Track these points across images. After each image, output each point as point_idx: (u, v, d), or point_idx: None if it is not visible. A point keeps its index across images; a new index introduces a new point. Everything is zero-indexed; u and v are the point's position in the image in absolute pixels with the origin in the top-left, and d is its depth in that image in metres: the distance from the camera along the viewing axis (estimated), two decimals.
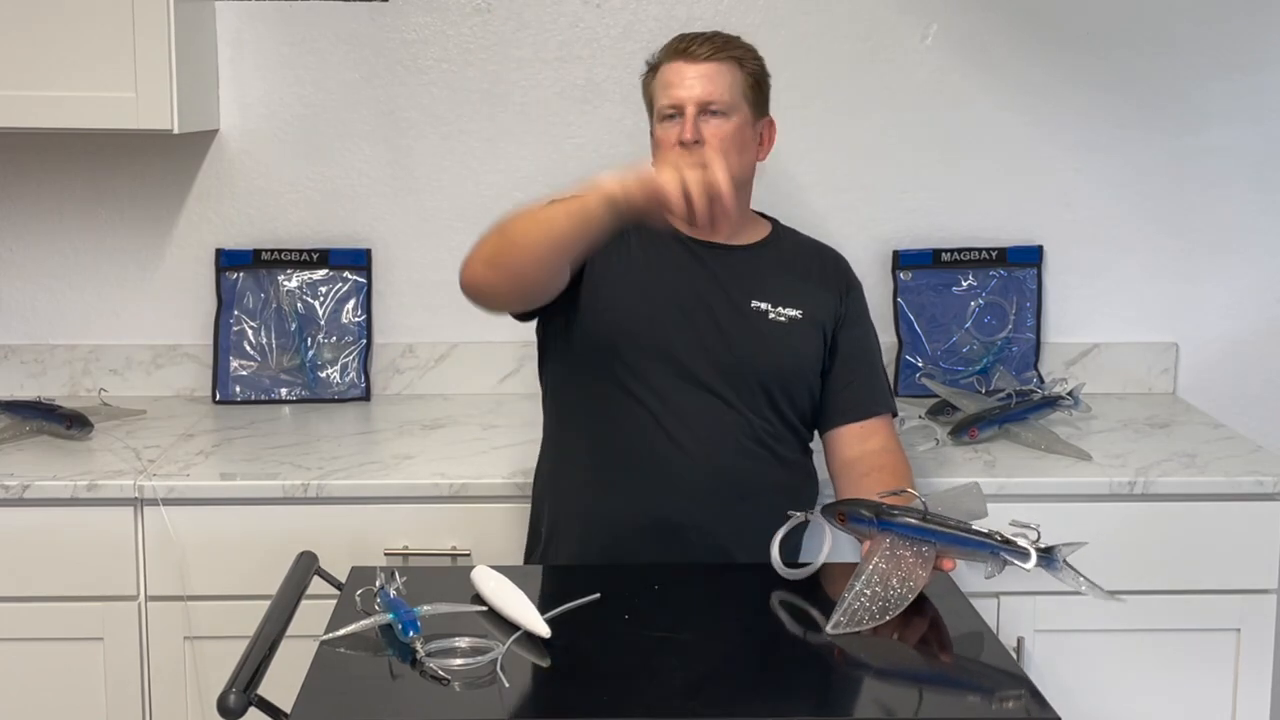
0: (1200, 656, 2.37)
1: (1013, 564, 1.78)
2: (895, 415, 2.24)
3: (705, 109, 2.08)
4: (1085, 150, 2.89)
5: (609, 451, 2.11)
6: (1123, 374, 2.94)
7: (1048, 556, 1.78)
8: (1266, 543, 2.35)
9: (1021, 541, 1.78)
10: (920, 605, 1.82)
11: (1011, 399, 2.60)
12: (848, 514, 1.87)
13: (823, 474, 2.22)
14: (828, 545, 1.91)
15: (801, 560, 2.03)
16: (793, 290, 2.16)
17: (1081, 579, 1.78)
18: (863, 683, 1.70)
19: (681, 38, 2.15)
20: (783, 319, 2.14)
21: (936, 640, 1.80)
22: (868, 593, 1.75)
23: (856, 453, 2.16)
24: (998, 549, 1.79)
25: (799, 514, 1.93)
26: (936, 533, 1.81)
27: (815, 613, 1.81)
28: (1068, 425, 2.63)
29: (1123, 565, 2.32)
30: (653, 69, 2.18)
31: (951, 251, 2.89)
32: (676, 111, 2.10)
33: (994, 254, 2.88)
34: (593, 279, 2.12)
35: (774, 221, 2.27)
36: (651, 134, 2.19)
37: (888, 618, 1.73)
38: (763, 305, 2.14)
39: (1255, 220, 2.92)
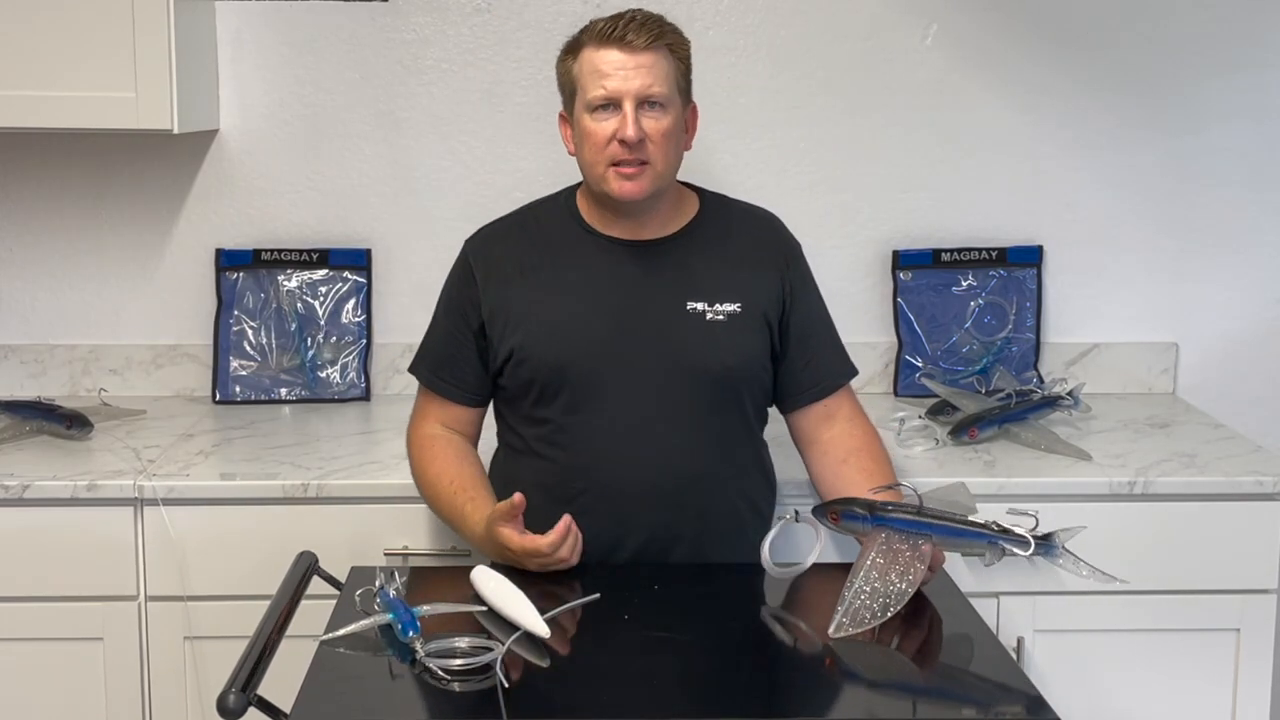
0: (1200, 656, 2.37)
1: (1011, 552, 1.78)
2: (854, 375, 2.19)
3: (643, 101, 1.96)
4: (1085, 150, 2.89)
5: (558, 484, 2.04)
6: (1123, 374, 2.94)
7: (1046, 543, 1.78)
8: (1266, 543, 2.35)
9: (1019, 530, 1.79)
10: (919, 606, 1.82)
11: (1011, 399, 2.60)
12: (841, 513, 1.86)
13: (790, 456, 2.21)
14: (819, 545, 1.90)
15: (782, 560, 2.01)
16: (729, 281, 2.07)
17: (1082, 564, 1.79)
18: (862, 683, 1.70)
19: (612, 22, 1.98)
20: (722, 317, 2.05)
21: (937, 641, 1.80)
22: (867, 589, 1.74)
23: (826, 435, 2.13)
24: (995, 538, 1.79)
25: (789, 515, 1.92)
26: (932, 525, 1.81)
27: (815, 613, 1.81)
28: (1068, 425, 2.63)
29: (1123, 565, 2.31)
30: (573, 52, 2.03)
31: (951, 251, 2.88)
32: (612, 103, 1.97)
33: (994, 254, 2.88)
34: (509, 322, 2.06)
35: (701, 194, 2.16)
36: (570, 120, 2.06)
37: (889, 614, 1.73)
38: (699, 306, 2.05)
39: (1255, 220, 2.92)
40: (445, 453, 2.12)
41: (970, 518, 1.82)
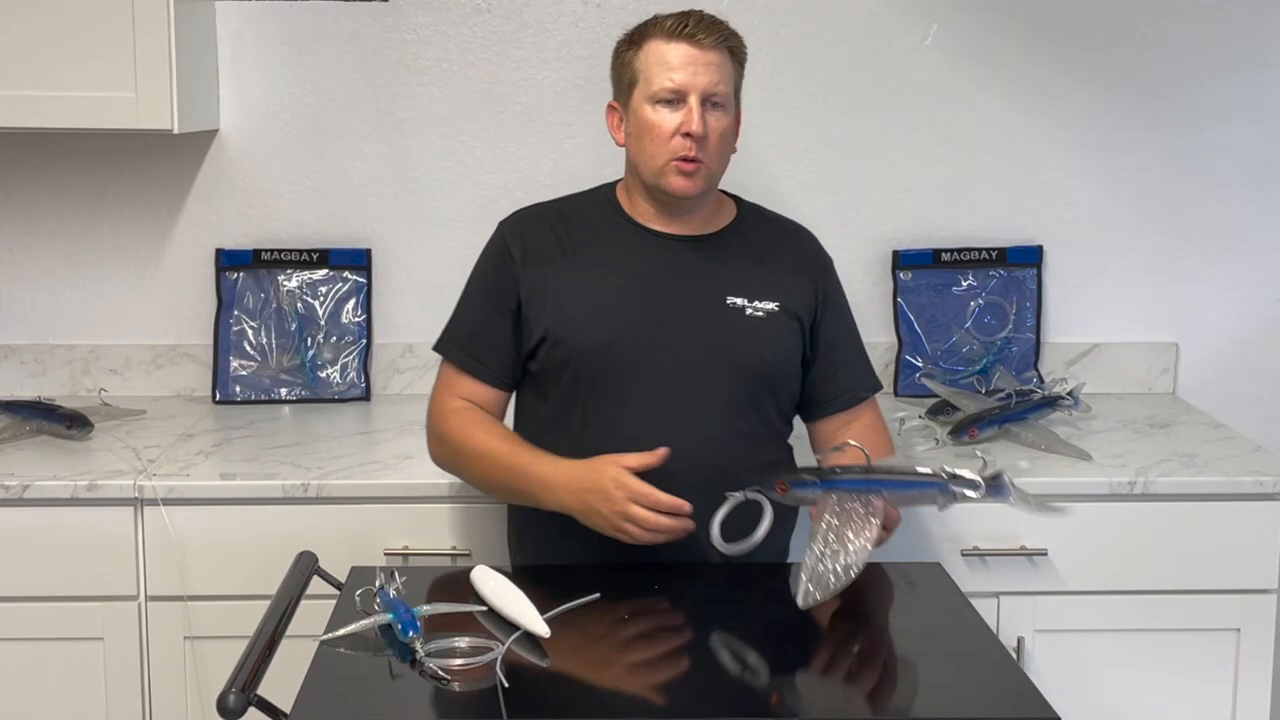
0: (1200, 656, 2.37)
1: (963, 496, 1.78)
2: (879, 390, 2.21)
3: (708, 99, 2.00)
4: (1085, 150, 2.89)
5: None
6: (1123, 374, 2.94)
7: (996, 483, 1.79)
8: (1266, 543, 2.35)
9: (967, 473, 1.79)
10: (918, 605, 1.82)
11: (1011, 399, 2.60)
12: (790, 482, 1.83)
13: (804, 452, 2.20)
14: (767, 519, 1.87)
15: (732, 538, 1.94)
16: (767, 281, 2.09)
17: (1029, 498, 1.81)
18: (862, 683, 1.70)
19: (680, 19, 2.02)
20: (760, 314, 2.07)
21: (936, 642, 1.80)
22: (827, 553, 1.73)
23: (842, 435, 2.12)
24: (945, 485, 1.79)
25: (736, 494, 1.88)
26: (882, 481, 1.80)
27: (816, 612, 1.81)
28: (1068, 425, 2.63)
29: (1123, 565, 2.32)
30: (635, 43, 2.05)
31: (951, 251, 2.88)
32: (677, 97, 2.00)
33: (994, 254, 2.88)
34: (547, 302, 2.05)
35: (739, 201, 2.19)
36: (623, 110, 2.09)
37: (852, 575, 1.72)
38: (738, 300, 2.07)
39: (1255, 220, 2.92)
40: (485, 421, 2.08)
41: (918, 468, 1.82)
